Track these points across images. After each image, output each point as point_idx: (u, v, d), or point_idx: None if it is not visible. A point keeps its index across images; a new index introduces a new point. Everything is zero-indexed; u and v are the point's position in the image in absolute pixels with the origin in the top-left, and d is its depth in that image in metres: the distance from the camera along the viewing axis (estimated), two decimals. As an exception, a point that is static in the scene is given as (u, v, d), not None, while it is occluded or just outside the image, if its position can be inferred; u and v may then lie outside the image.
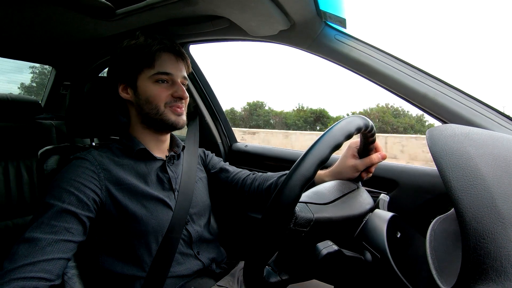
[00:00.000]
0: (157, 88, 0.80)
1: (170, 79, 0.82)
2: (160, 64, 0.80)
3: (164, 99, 0.81)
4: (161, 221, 0.77)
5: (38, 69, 16.46)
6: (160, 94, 0.80)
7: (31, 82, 15.78)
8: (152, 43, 0.80)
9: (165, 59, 0.81)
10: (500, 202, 0.35)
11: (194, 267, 0.82)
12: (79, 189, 0.69)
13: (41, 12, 0.96)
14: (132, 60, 0.81)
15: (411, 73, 0.80)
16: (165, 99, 0.81)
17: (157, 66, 0.80)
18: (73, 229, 0.65)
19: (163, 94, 0.80)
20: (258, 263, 0.48)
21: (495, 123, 0.73)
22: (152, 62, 0.79)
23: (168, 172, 0.85)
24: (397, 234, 0.57)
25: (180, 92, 0.82)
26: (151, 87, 0.80)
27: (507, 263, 0.32)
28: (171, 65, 0.82)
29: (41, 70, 16.67)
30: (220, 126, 1.45)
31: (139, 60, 0.80)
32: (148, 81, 0.80)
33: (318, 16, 0.83)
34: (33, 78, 16.33)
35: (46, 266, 0.58)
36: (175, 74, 0.82)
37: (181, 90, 0.82)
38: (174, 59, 0.83)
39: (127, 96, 0.84)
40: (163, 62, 0.80)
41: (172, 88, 0.82)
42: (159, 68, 0.80)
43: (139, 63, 0.80)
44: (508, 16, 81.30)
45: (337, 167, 0.77)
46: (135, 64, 0.81)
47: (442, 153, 0.42)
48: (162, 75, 0.80)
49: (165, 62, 0.81)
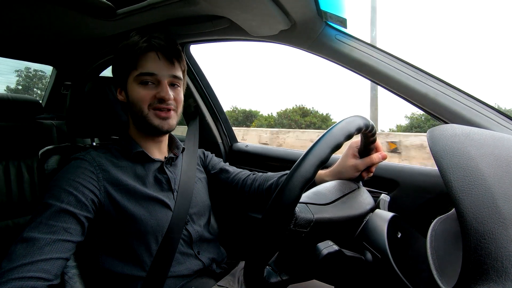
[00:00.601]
0: (141, 90, 0.78)
1: (155, 79, 0.79)
2: (142, 64, 0.78)
3: (148, 100, 0.78)
4: (160, 221, 0.77)
5: (24, 72, 16.50)
6: (144, 96, 0.78)
7: (16, 85, 15.79)
8: (137, 43, 0.78)
9: (148, 59, 0.78)
10: (501, 202, 0.35)
11: (195, 267, 0.82)
12: (78, 189, 0.69)
13: (42, 12, 0.96)
14: (120, 63, 0.81)
15: (412, 73, 0.80)
16: (148, 101, 0.78)
17: (139, 67, 0.78)
18: (72, 229, 0.65)
19: (147, 96, 0.78)
20: (258, 263, 0.48)
21: (496, 123, 0.72)
22: (135, 62, 0.78)
23: (166, 172, 0.85)
24: (398, 234, 0.57)
25: (162, 94, 0.78)
26: (136, 89, 0.78)
27: (508, 263, 0.32)
28: (154, 65, 0.78)
29: (27, 74, 16.69)
30: (220, 126, 1.45)
31: (125, 62, 0.79)
32: (134, 82, 0.79)
33: (319, 16, 0.82)
34: (19, 81, 16.37)
35: (44, 266, 0.58)
36: (160, 74, 0.78)
37: (164, 91, 0.78)
38: (158, 58, 0.79)
39: (122, 99, 0.84)
40: (146, 62, 0.78)
41: (156, 89, 0.79)
42: (142, 68, 0.77)
43: (125, 65, 0.79)
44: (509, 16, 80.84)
45: (338, 167, 0.77)
46: (122, 67, 0.80)
47: (443, 153, 0.42)
48: (145, 76, 0.77)
49: (149, 62, 0.78)
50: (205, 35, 1.05)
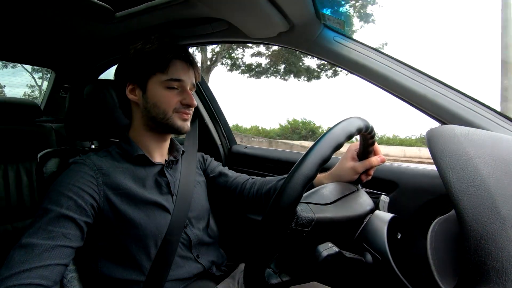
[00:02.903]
0: (168, 94, 0.81)
1: (181, 85, 0.82)
2: (173, 70, 0.81)
3: (173, 105, 0.81)
4: (159, 225, 0.77)
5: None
6: (170, 100, 0.81)
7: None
8: (167, 50, 0.81)
9: (178, 66, 0.82)
10: (500, 202, 0.35)
11: (194, 270, 0.81)
12: (77, 194, 0.69)
13: (41, 15, 0.97)
14: (146, 63, 0.81)
15: (410, 74, 0.81)
16: (174, 105, 0.81)
17: (170, 72, 0.80)
18: (71, 235, 0.64)
19: (173, 100, 0.81)
20: (259, 263, 0.48)
21: (494, 124, 0.73)
22: (166, 67, 0.80)
23: (166, 176, 0.85)
24: (398, 235, 0.57)
25: (189, 100, 0.82)
26: (162, 92, 0.81)
27: (508, 264, 0.32)
28: (183, 73, 0.82)
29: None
30: (219, 128, 1.45)
31: (154, 64, 0.80)
32: (159, 85, 0.81)
33: (317, 18, 0.83)
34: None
35: (43, 272, 0.57)
36: (186, 81, 0.83)
37: (190, 98, 0.83)
38: (186, 67, 0.83)
39: (134, 98, 0.84)
40: (176, 69, 0.81)
41: (181, 95, 0.82)
42: (172, 74, 0.80)
43: (153, 67, 0.81)
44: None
45: (337, 170, 0.77)
46: (148, 68, 0.81)
47: (442, 154, 0.42)
48: (173, 81, 0.81)
49: (178, 69, 0.81)
50: (204, 37, 1.05)
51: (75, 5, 0.89)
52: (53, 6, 0.89)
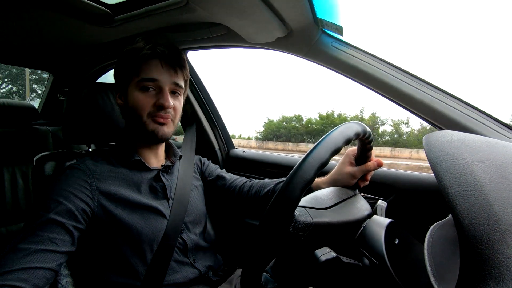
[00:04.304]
0: (141, 96, 0.77)
1: (156, 85, 0.78)
2: (145, 70, 0.77)
3: (147, 109, 0.77)
4: (155, 230, 0.76)
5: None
6: (144, 103, 0.77)
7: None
8: (141, 49, 0.77)
9: (152, 66, 0.77)
10: (497, 208, 0.35)
11: (190, 275, 0.80)
12: (68, 198, 0.68)
13: (39, 18, 0.97)
14: (123, 67, 0.80)
15: (408, 79, 0.81)
16: (148, 109, 0.77)
17: (142, 73, 0.77)
18: (58, 239, 0.63)
19: (148, 103, 0.77)
20: (256, 267, 0.47)
21: (490, 130, 0.73)
22: (138, 68, 0.77)
23: (162, 180, 0.84)
24: (395, 240, 0.57)
25: (162, 101, 0.77)
26: (136, 95, 0.77)
27: (505, 269, 0.32)
28: (157, 72, 0.77)
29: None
30: (217, 132, 1.44)
31: (128, 66, 0.78)
32: (134, 88, 0.78)
33: (315, 24, 0.84)
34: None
35: (21, 275, 0.57)
36: (162, 80, 0.77)
37: (164, 98, 0.77)
38: (161, 66, 0.78)
39: (121, 104, 0.83)
40: (149, 68, 0.77)
41: (157, 96, 0.78)
42: (144, 74, 0.77)
43: (127, 70, 0.79)
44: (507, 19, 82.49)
45: (334, 174, 0.77)
46: (125, 71, 0.79)
47: (438, 159, 0.42)
48: (146, 81, 0.76)
49: (151, 69, 0.77)
50: (203, 41, 1.06)
51: (75, 8, 0.89)
52: (52, 9, 0.89)
